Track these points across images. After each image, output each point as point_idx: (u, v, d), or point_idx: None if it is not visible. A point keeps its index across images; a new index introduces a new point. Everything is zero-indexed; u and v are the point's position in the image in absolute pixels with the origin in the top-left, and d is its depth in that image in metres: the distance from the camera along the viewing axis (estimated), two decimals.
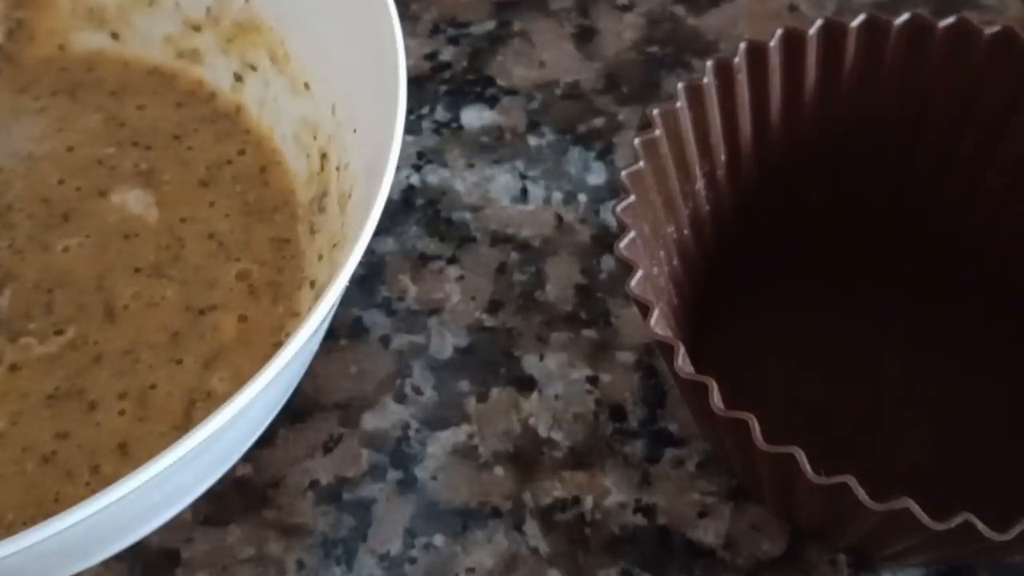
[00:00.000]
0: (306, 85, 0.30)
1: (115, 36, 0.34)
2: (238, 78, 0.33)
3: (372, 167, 0.24)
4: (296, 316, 0.29)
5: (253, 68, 0.32)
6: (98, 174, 0.31)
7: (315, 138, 0.30)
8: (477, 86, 0.36)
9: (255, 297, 0.29)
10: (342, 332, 0.30)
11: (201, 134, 0.32)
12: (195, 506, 0.26)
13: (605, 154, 0.34)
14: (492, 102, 0.36)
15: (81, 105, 0.33)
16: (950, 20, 0.27)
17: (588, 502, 0.27)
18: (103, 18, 0.34)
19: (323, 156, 0.30)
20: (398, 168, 0.29)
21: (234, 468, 0.26)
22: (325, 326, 0.26)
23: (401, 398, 0.29)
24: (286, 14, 0.31)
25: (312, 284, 0.29)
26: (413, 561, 0.27)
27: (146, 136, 0.32)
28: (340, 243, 0.27)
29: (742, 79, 0.27)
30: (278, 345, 0.27)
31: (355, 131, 0.27)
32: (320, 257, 0.29)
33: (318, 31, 0.29)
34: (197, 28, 0.33)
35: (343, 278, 0.21)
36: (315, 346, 0.27)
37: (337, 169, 0.29)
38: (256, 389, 0.20)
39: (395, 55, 0.25)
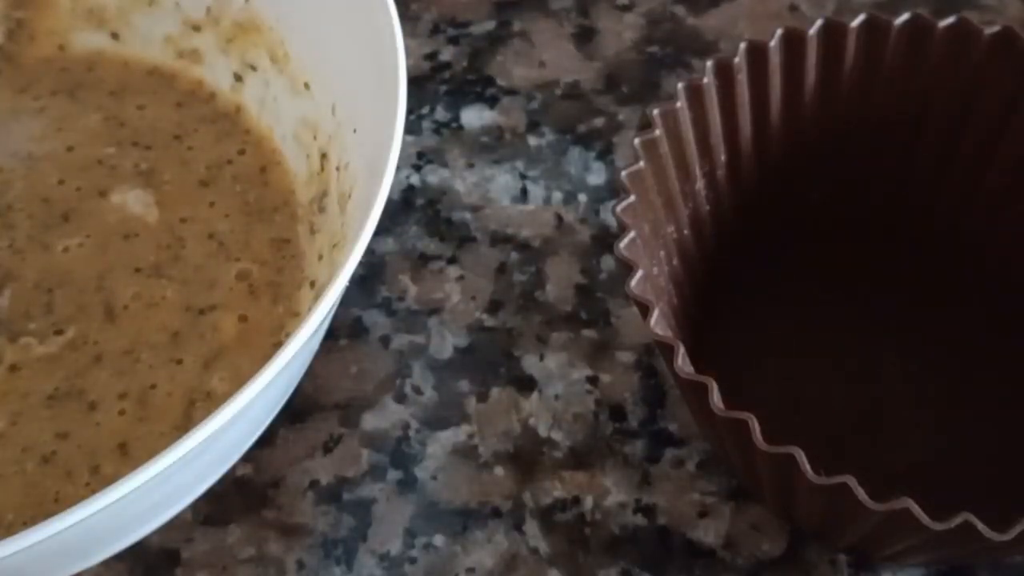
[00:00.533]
0: (306, 85, 0.30)
1: (115, 36, 0.34)
2: (238, 78, 0.33)
3: (372, 167, 0.24)
4: (296, 316, 0.29)
5: (253, 68, 0.32)
6: (98, 174, 0.31)
7: (315, 138, 0.30)
8: (477, 86, 0.36)
9: (255, 297, 0.29)
10: (342, 332, 0.30)
11: (201, 134, 0.32)
12: (195, 506, 0.26)
13: (605, 154, 0.34)
14: (492, 102, 0.36)
15: (81, 105, 0.33)
16: (950, 20, 0.27)
17: (588, 502, 0.27)
18: (103, 18, 0.34)
19: (323, 156, 0.30)
20: (398, 168, 0.29)
21: (234, 468, 0.26)
22: (325, 326, 0.26)
23: (401, 398, 0.29)
24: (286, 14, 0.31)
25: (312, 284, 0.29)
26: (413, 561, 0.27)
27: (146, 136, 0.32)
28: (340, 243, 0.27)
29: (742, 79, 0.27)
30: (278, 345, 0.27)
31: (355, 131, 0.27)
32: (320, 257, 0.29)
33: (318, 31, 0.29)
34: (197, 28, 0.33)
35: (343, 278, 0.21)
36: (315, 346, 0.27)
37: (337, 169, 0.29)
38: (256, 389, 0.20)
39: (395, 55, 0.25)
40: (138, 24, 0.34)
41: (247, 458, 0.27)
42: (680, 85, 0.26)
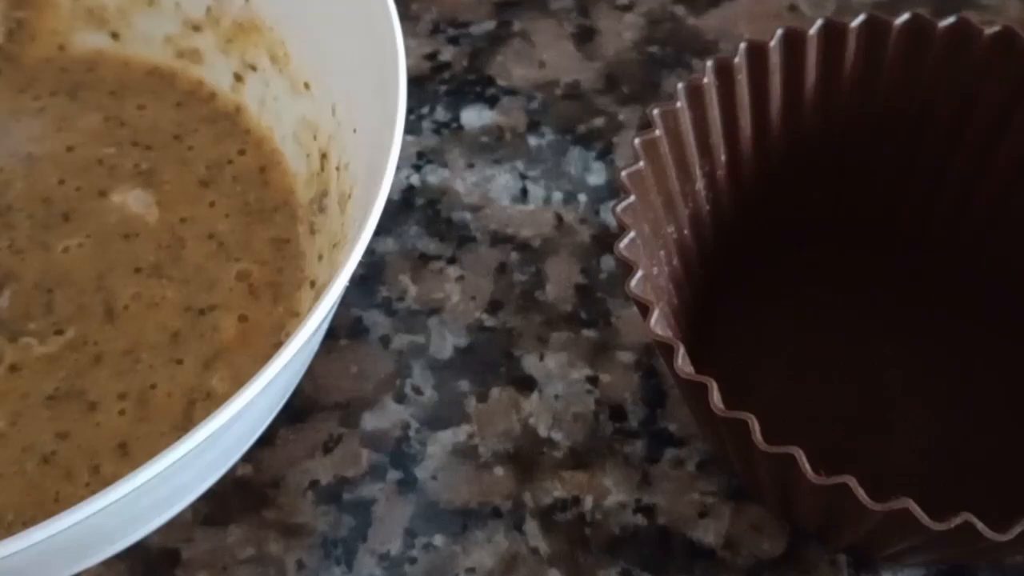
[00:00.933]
0: (306, 85, 0.30)
1: (115, 36, 0.34)
2: (238, 78, 0.33)
3: (372, 167, 0.24)
4: (296, 316, 0.29)
5: (253, 68, 0.32)
6: (98, 174, 0.31)
7: (315, 138, 0.30)
8: (477, 86, 0.36)
9: (255, 297, 0.29)
10: (342, 332, 0.30)
11: (201, 134, 0.32)
12: (195, 506, 0.26)
13: (605, 154, 0.34)
14: (492, 102, 0.36)
15: (81, 105, 0.33)
16: (950, 20, 0.27)
17: (588, 502, 0.27)
18: (103, 18, 0.34)
19: (323, 156, 0.30)
20: (398, 168, 0.29)
21: (234, 468, 0.26)
22: (325, 326, 0.26)
23: (401, 398, 0.29)
24: (286, 14, 0.31)
25: (312, 284, 0.29)
26: (413, 561, 0.27)
27: (146, 136, 0.32)
28: (340, 243, 0.27)
29: (742, 79, 0.27)
30: (278, 345, 0.27)
31: (355, 131, 0.27)
32: (320, 257, 0.29)
33: (318, 31, 0.29)
34: (197, 28, 0.33)
35: (343, 278, 0.21)
36: (315, 346, 0.27)
37: (337, 169, 0.29)
38: (256, 389, 0.20)
39: (395, 55, 0.25)
40: (138, 24, 0.34)
41: (247, 458, 0.27)
42: (680, 85, 0.26)
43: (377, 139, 0.24)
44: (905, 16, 0.27)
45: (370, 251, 0.32)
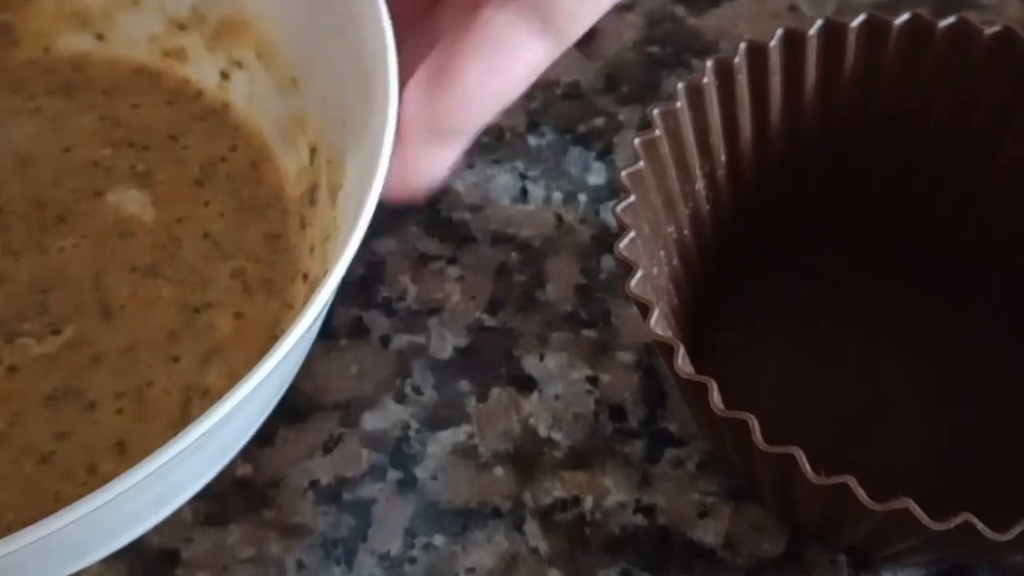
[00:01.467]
0: (293, 81, 0.30)
1: (100, 37, 0.34)
2: (224, 75, 0.32)
3: (364, 159, 0.24)
4: (291, 309, 0.29)
5: (239, 65, 0.32)
6: (94, 174, 0.31)
7: (304, 132, 0.30)
8: None
9: (249, 294, 0.29)
10: (342, 332, 0.30)
11: (195, 133, 0.32)
12: (195, 506, 0.26)
13: (605, 154, 0.34)
14: None
15: (76, 105, 0.33)
16: (950, 20, 0.27)
17: (588, 502, 0.27)
18: (87, 19, 0.33)
19: (312, 150, 0.30)
20: None
21: (234, 468, 0.26)
22: (320, 321, 0.26)
23: (401, 398, 0.29)
24: (271, 10, 0.31)
25: (305, 277, 0.29)
26: (413, 561, 0.26)
27: (142, 136, 0.32)
28: (332, 236, 0.27)
29: (742, 79, 0.27)
30: (273, 340, 0.27)
31: (344, 124, 0.27)
32: (312, 250, 0.29)
33: (305, 26, 0.29)
34: (182, 27, 0.33)
35: (338, 272, 0.21)
36: (311, 340, 0.27)
37: (327, 163, 0.29)
38: (252, 385, 0.20)
39: (384, 48, 0.25)
40: (123, 24, 0.33)
41: (247, 458, 0.27)
42: (680, 85, 0.26)
43: (368, 131, 0.24)
44: (905, 16, 0.27)
45: (370, 251, 0.32)
